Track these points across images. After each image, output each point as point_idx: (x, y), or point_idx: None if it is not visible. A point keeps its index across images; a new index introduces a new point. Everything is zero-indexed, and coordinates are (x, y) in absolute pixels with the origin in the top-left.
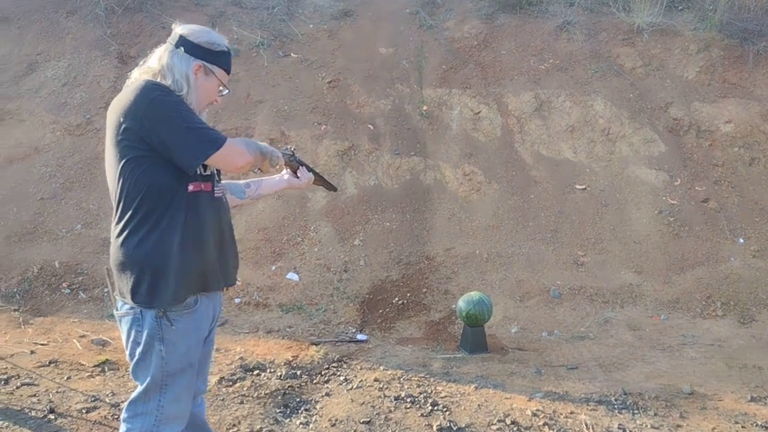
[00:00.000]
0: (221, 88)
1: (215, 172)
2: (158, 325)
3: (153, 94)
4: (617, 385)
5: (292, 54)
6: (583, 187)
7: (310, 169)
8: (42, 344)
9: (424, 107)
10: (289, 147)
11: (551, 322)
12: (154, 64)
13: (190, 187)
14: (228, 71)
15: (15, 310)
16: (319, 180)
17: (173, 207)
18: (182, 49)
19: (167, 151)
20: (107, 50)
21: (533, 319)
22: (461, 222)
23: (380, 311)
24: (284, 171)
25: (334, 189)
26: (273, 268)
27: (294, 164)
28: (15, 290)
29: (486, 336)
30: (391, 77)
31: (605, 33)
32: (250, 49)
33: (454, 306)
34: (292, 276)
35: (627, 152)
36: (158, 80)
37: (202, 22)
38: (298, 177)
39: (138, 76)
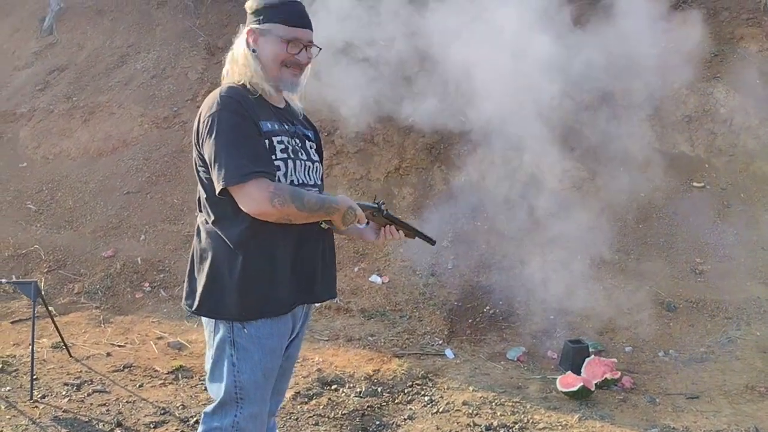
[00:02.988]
0: (291, 45)
1: (305, 181)
2: (230, 328)
3: (210, 111)
4: (747, 421)
5: (381, 42)
6: (702, 184)
7: (402, 225)
8: (119, 345)
9: None
10: (377, 201)
11: (665, 339)
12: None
13: None
14: (290, 23)
15: (96, 308)
16: (414, 234)
17: (241, 217)
18: (241, 26)
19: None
20: (195, 41)
21: (644, 336)
22: (561, 223)
23: (469, 321)
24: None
25: (432, 242)
26: (355, 269)
27: (381, 221)
28: (98, 287)
29: (590, 354)
30: None
31: (727, 12)
32: None
33: (552, 317)
34: (376, 279)
35: (753, 146)
36: (229, 81)
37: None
38: (378, 236)
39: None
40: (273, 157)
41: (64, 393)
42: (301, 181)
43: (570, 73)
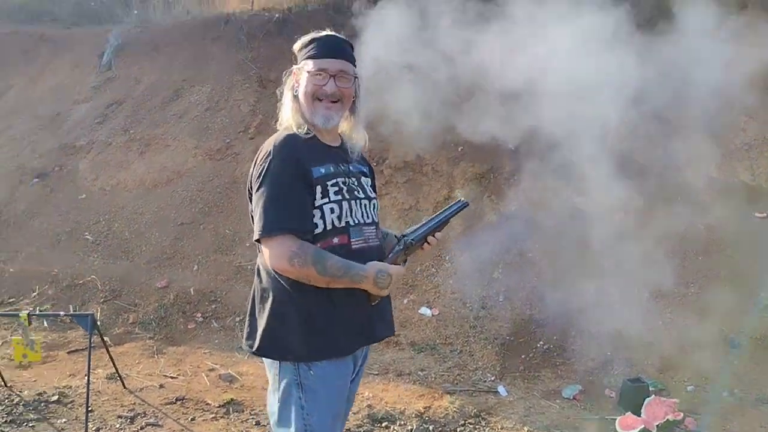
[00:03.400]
0: (318, 77)
1: (361, 220)
2: (296, 370)
3: (263, 160)
4: None
5: (430, 71)
6: (765, 215)
7: (433, 229)
8: (172, 377)
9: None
10: (399, 235)
11: (730, 378)
12: None
13: (318, 245)
14: (318, 56)
15: (150, 338)
16: (446, 222)
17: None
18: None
19: None
20: (247, 75)
21: (707, 374)
22: (617, 254)
23: (522, 357)
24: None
25: (466, 204)
26: (405, 301)
27: (415, 249)
28: (152, 317)
29: (650, 394)
30: None
31: None
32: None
33: (609, 353)
34: (425, 311)
35: None
36: (281, 125)
37: None
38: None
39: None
40: (326, 200)
41: (118, 426)
42: (357, 221)
43: (625, 99)
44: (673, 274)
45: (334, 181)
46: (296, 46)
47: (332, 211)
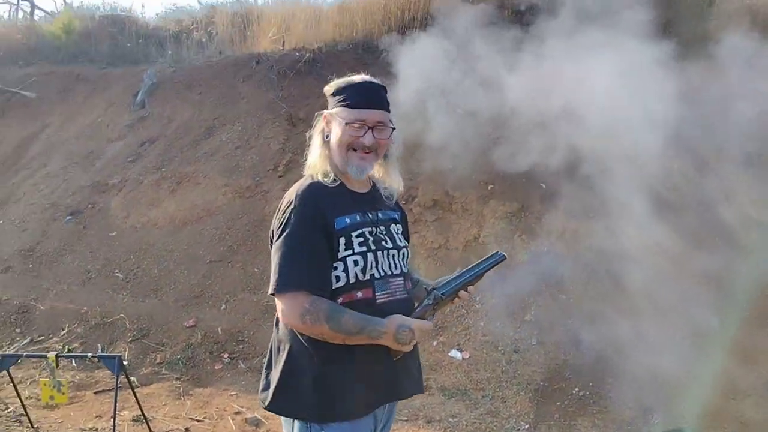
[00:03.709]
0: (355, 127)
1: (387, 272)
2: (308, 429)
3: (285, 209)
4: None
5: (458, 110)
6: None
7: (467, 282)
8: (198, 420)
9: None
10: (430, 287)
11: None
12: None
13: (340, 299)
14: (354, 104)
15: (177, 379)
16: (481, 275)
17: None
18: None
19: None
20: (278, 113)
21: (753, 423)
22: (653, 298)
23: (557, 404)
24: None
25: (503, 258)
26: (434, 343)
27: (446, 303)
28: (179, 357)
29: None
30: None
31: None
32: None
33: (647, 402)
34: (456, 354)
35: None
36: (308, 170)
37: None
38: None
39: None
40: (350, 251)
41: None
42: (383, 274)
43: (661, 133)
44: (715, 319)
45: (360, 231)
46: (329, 89)
47: (356, 263)
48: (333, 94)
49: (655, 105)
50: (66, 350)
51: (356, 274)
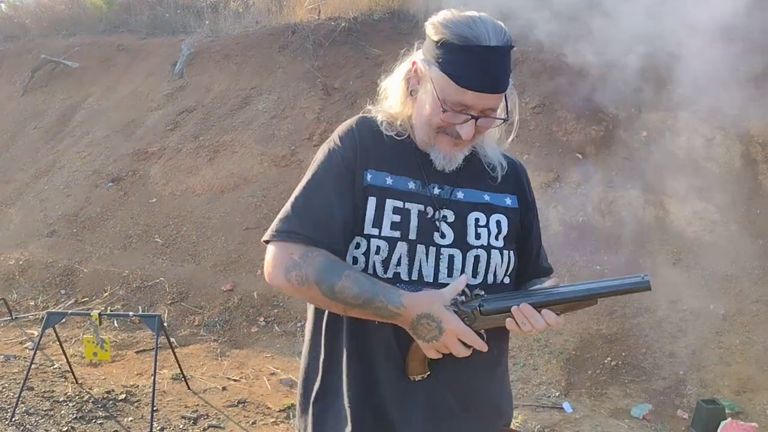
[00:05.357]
0: (451, 111)
1: (426, 276)
2: None
3: (327, 141)
4: None
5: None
6: None
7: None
8: (234, 380)
9: (644, 133)
10: (469, 300)
11: None
12: None
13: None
14: (462, 81)
15: (215, 341)
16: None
17: (329, 326)
18: (417, 44)
19: None
20: (313, 83)
21: None
22: (690, 269)
23: (589, 372)
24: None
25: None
26: None
27: (488, 322)
28: (216, 320)
29: (727, 417)
30: (604, 100)
31: None
32: None
33: (682, 372)
34: None
35: None
36: (380, 106)
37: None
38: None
39: None
40: (377, 231)
41: (181, 426)
42: (415, 277)
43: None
44: (753, 291)
45: (401, 204)
46: (435, 30)
47: (378, 251)
48: (437, 43)
49: None
50: (108, 311)
51: (374, 266)
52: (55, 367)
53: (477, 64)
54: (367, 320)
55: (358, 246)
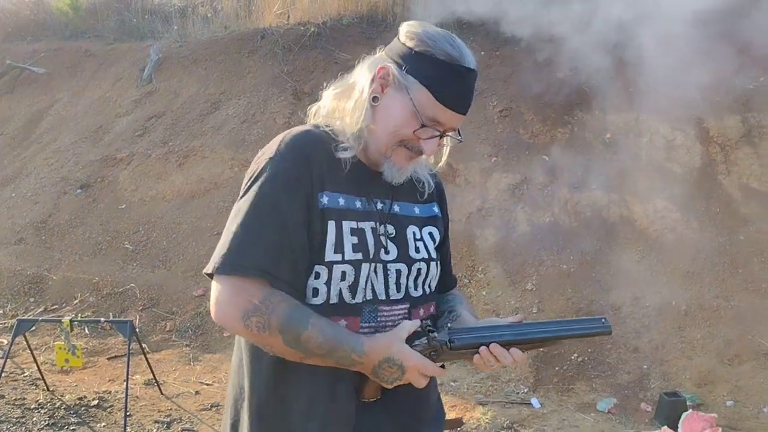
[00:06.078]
0: (425, 123)
1: (382, 295)
2: None
3: (264, 156)
4: None
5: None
6: None
7: (511, 341)
8: (207, 384)
9: (608, 135)
10: (450, 334)
11: None
12: None
13: None
14: (441, 95)
15: (187, 346)
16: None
17: None
18: (379, 49)
19: None
20: (283, 87)
21: (747, 389)
22: (653, 266)
23: (556, 369)
24: None
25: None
26: None
27: (454, 355)
28: (188, 325)
29: (688, 408)
30: (569, 103)
31: None
32: None
33: (645, 367)
34: None
35: None
36: (325, 118)
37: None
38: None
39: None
40: (339, 256)
41: (155, 430)
42: (373, 296)
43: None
44: (712, 288)
45: (355, 225)
46: (409, 36)
47: (343, 276)
48: (411, 52)
49: None
50: (79, 318)
51: (341, 292)
52: (26, 374)
53: (459, 83)
54: None
55: (318, 276)
